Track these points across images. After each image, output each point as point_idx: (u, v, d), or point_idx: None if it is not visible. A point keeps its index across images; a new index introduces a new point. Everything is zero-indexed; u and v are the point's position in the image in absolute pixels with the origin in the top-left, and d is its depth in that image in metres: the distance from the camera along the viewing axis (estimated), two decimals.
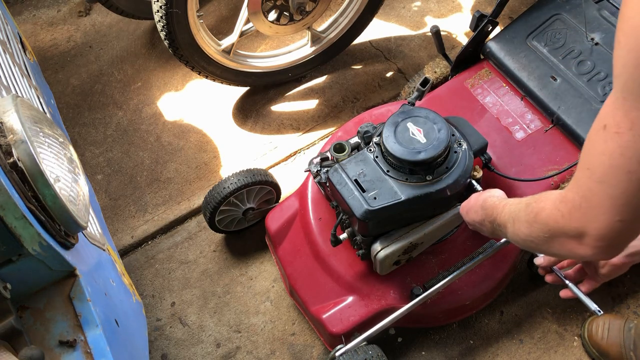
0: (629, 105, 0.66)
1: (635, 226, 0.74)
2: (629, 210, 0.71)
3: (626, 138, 0.67)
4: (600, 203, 0.72)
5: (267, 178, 1.68)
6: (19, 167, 0.84)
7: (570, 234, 0.78)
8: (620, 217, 0.71)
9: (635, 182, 0.68)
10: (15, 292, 0.89)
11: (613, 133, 0.68)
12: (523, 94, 1.62)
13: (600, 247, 0.76)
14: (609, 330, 1.53)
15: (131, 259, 1.87)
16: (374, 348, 1.41)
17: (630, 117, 0.66)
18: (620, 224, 0.72)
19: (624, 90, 0.66)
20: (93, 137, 2.14)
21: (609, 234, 0.74)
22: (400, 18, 2.40)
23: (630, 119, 0.66)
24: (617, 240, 0.75)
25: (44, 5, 2.54)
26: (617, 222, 0.72)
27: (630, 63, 0.65)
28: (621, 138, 0.67)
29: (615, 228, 0.73)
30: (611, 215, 0.72)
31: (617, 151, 0.68)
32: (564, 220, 0.78)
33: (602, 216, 0.72)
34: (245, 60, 2.03)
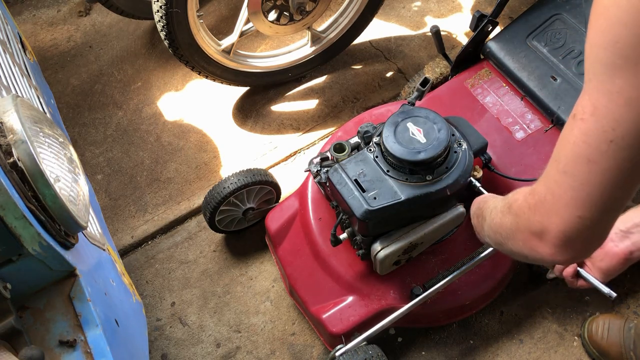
0: (592, 87, 0.61)
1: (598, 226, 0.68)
2: (589, 205, 0.65)
3: (588, 125, 0.62)
4: (562, 195, 0.67)
5: (267, 178, 1.68)
6: (19, 167, 0.84)
7: (533, 229, 0.74)
8: (579, 212, 0.66)
9: (595, 174, 0.63)
10: (15, 292, 0.89)
11: (578, 120, 0.63)
12: (523, 94, 1.62)
13: (559, 245, 0.70)
14: (609, 330, 1.53)
15: (131, 259, 1.87)
16: (374, 348, 1.41)
17: (592, 100, 0.61)
18: (579, 221, 0.67)
19: (589, 71, 0.62)
20: (93, 137, 2.14)
21: (569, 231, 0.68)
22: (400, 18, 2.40)
23: (593, 103, 0.61)
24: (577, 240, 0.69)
25: (44, 5, 2.54)
26: (576, 217, 0.66)
27: (597, 43, 0.60)
28: (584, 124, 0.62)
29: (574, 225, 0.67)
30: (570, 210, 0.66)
31: (580, 139, 0.63)
32: (530, 213, 0.74)
33: (562, 210, 0.67)
34: (245, 60, 2.03)
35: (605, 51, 0.59)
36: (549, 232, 0.70)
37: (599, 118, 0.61)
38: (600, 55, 0.60)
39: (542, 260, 0.76)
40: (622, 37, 0.57)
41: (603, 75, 0.60)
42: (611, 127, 0.60)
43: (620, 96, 0.59)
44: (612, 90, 0.59)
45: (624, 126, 0.59)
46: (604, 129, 0.60)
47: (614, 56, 0.59)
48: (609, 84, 0.59)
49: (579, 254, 0.72)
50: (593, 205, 0.65)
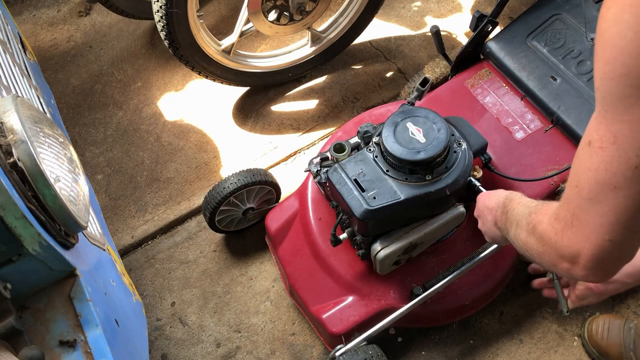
0: (610, 118, 0.64)
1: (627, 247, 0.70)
2: (618, 228, 0.67)
3: (610, 152, 0.64)
4: (589, 221, 0.69)
5: (267, 178, 1.68)
6: (19, 167, 0.84)
7: (563, 254, 0.76)
8: (609, 236, 0.68)
9: (622, 198, 0.65)
10: (15, 292, 0.89)
11: (597, 148, 0.65)
12: (523, 94, 1.62)
13: (592, 268, 0.73)
14: (609, 330, 1.53)
15: (131, 259, 1.87)
16: (374, 348, 1.41)
17: (612, 130, 0.63)
18: (610, 244, 0.69)
19: (604, 104, 0.64)
20: (93, 137, 2.14)
21: (600, 254, 0.71)
22: (400, 18, 2.40)
23: (613, 133, 0.63)
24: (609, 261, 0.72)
25: (44, 5, 2.54)
26: (607, 241, 0.69)
27: (607, 75, 0.63)
28: (605, 153, 0.65)
29: (605, 248, 0.70)
30: (601, 235, 0.69)
31: (602, 166, 0.65)
32: (557, 238, 0.76)
33: (592, 235, 0.70)
34: (245, 60, 2.03)
35: (618, 84, 0.61)
36: (580, 256, 0.73)
37: (621, 146, 0.63)
38: (612, 88, 0.62)
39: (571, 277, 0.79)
40: (632, 68, 0.59)
41: (618, 107, 0.62)
42: (635, 154, 0.62)
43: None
44: (631, 120, 0.61)
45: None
46: (628, 156, 0.63)
47: (628, 88, 0.61)
48: (628, 115, 0.62)
49: (609, 272, 0.75)
50: (622, 228, 0.67)
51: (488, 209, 1.09)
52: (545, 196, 1.49)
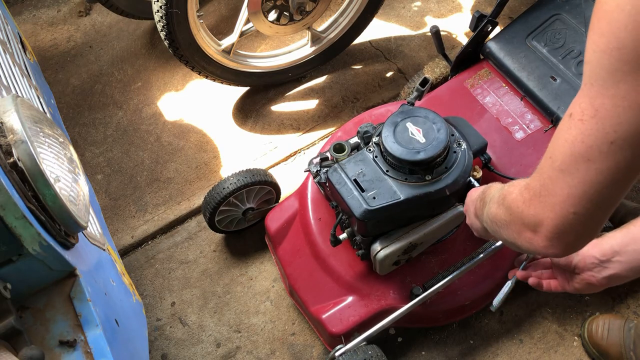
0: (595, 91, 0.63)
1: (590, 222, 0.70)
2: (584, 202, 0.67)
3: (588, 126, 0.63)
4: (557, 192, 0.69)
5: (266, 178, 1.68)
6: (19, 167, 0.84)
7: (527, 222, 0.76)
8: (574, 209, 0.68)
9: (593, 172, 0.65)
10: (15, 292, 0.89)
11: (577, 120, 0.65)
12: (523, 94, 1.62)
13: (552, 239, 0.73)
14: (609, 330, 1.53)
15: (131, 259, 1.87)
16: (373, 348, 1.41)
17: (594, 104, 0.63)
18: (574, 217, 0.69)
19: (591, 77, 0.63)
20: (93, 137, 2.14)
21: (562, 226, 0.71)
22: (400, 18, 2.40)
23: (595, 107, 0.63)
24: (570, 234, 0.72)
25: (44, 5, 2.54)
26: (571, 213, 0.69)
27: (600, 48, 0.61)
28: (584, 125, 0.64)
29: (569, 220, 0.70)
30: (566, 206, 0.69)
31: (579, 139, 0.65)
32: (524, 207, 0.76)
33: (557, 206, 0.70)
34: (245, 60, 2.03)
35: (610, 57, 0.60)
36: (542, 225, 0.73)
37: (600, 120, 0.62)
38: (603, 61, 0.61)
39: (534, 251, 0.79)
40: (627, 42, 0.58)
41: (606, 80, 0.61)
42: (613, 130, 0.62)
43: (625, 100, 0.60)
44: (616, 95, 0.61)
45: (626, 128, 0.61)
46: (606, 130, 0.62)
47: (619, 62, 0.59)
48: (613, 89, 0.61)
49: (570, 247, 0.75)
50: (588, 202, 0.67)
51: (471, 201, 1.09)
52: None
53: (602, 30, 0.61)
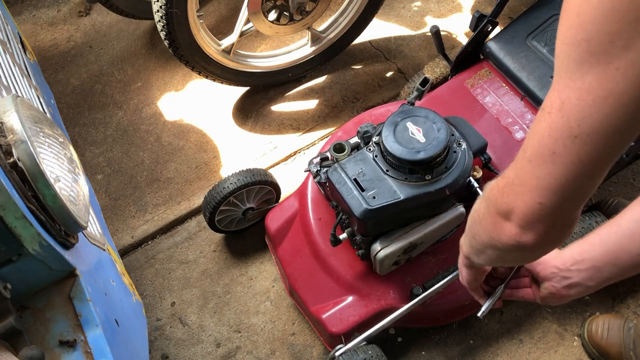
0: (563, 84, 0.63)
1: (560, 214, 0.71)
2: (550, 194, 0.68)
3: (555, 119, 0.64)
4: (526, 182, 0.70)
5: (267, 178, 1.68)
6: (19, 167, 0.84)
7: (501, 210, 0.77)
8: (540, 199, 0.69)
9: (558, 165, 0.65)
10: (15, 292, 0.89)
11: (546, 113, 0.65)
12: (523, 94, 1.62)
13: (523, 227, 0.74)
14: (609, 330, 1.53)
15: (131, 259, 1.87)
16: (373, 348, 1.41)
17: (561, 97, 0.63)
18: (540, 207, 0.70)
19: (560, 69, 0.63)
20: (93, 137, 2.14)
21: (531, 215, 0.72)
22: (400, 18, 2.40)
23: (562, 99, 0.63)
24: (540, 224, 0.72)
25: (44, 5, 2.54)
26: (537, 204, 0.70)
27: (567, 40, 0.61)
28: (551, 118, 0.64)
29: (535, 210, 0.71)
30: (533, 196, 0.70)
31: (546, 132, 0.65)
32: (498, 194, 0.77)
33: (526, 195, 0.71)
34: (245, 60, 2.03)
35: (577, 49, 0.60)
36: (513, 213, 0.74)
37: (565, 114, 0.63)
38: (571, 52, 0.61)
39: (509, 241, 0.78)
40: (594, 35, 0.58)
41: (574, 72, 0.61)
42: (577, 124, 0.62)
43: (589, 94, 0.60)
44: (581, 88, 0.61)
45: (590, 124, 0.61)
46: (570, 124, 0.62)
47: (586, 54, 0.59)
48: (580, 82, 0.61)
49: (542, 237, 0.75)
50: (553, 194, 0.68)
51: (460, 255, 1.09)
52: None
53: (571, 22, 0.60)
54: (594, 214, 1.55)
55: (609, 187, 1.87)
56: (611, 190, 1.87)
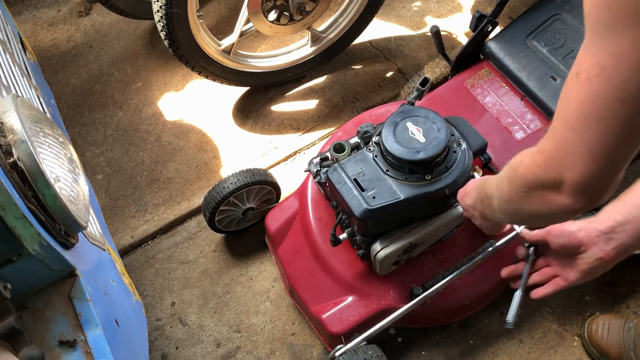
0: (597, 49, 0.63)
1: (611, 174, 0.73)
2: (602, 158, 0.69)
3: (596, 84, 0.64)
4: (575, 151, 0.71)
5: (267, 178, 1.68)
6: (19, 167, 0.84)
7: (548, 184, 0.77)
8: (594, 165, 0.70)
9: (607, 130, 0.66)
10: (15, 292, 0.89)
11: (584, 80, 0.65)
12: (523, 94, 1.62)
13: (578, 194, 0.75)
14: (609, 330, 1.53)
15: (131, 259, 1.87)
16: (373, 348, 1.41)
17: (599, 61, 0.63)
18: (595, 172, 0.71)
19: (592, 32, 0.63)
20: (93, 137, 2.14)
21: (586, 181, 0.73)
22: (400, 18, 2.40)
23: (600, 64, 0.63)
24: (594, 187, 0.74)
25: (44, 5, 2.54)
26: (592, 170, 0.71)
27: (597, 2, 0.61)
28: (591, 84, 0.65)
29: (591, 175, 0.72)
30: (586, 163, 0.71)
31: (588, 98, 0.66)
32: (541, 170, 0.77)
33: (578, 164, 0.71)
34: (246, 60, 2.03)
35: (609, 12, 0.60)
36: (565, 183, 0.75)
37: (607, 79, 0.63)
38: (602, 16, 0.61)
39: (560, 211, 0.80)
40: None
41: (606, 37, 0.62)
42: (621, 87, 0.62)
43: (628, 57, 0.61)
44: (617, 52, 0.61)
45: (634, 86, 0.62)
46: (614, 88, 0.63)
47: (617, 18, 0.60)
48: (614, 46, 0.61)
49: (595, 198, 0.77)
50: (606, 158, 0.69)
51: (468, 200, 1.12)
52: None
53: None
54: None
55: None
56: None
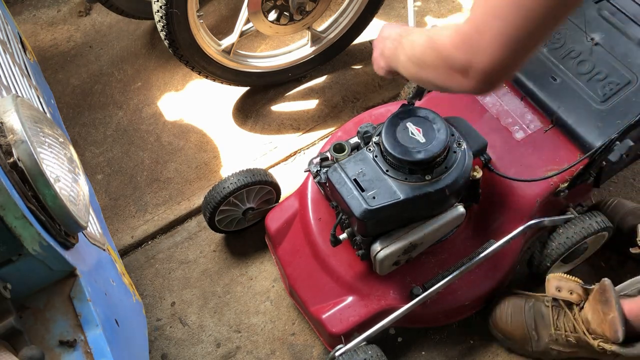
0: None
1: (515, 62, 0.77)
2: (513, 45, 0.73)
3: None
4: (489, 36, 0.74)
5: (267, 178, 1.68)
6: (19, 167, 0.84)
7: (457, 65, 0.81)
8: (506, 51, 0.74)
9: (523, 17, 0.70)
10: (15, 292, 0.89)
11: None
12: (523, 94, 1.62)
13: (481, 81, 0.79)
14: (512, 314, 1.53)
15: (131, 259, 1.87)
16: (373, 348, 1.41)
17: None
18: (503, 60, 0.75)
19: None
20: (93, 137, 2.14)
21: (492, 68, 0.76)
22: (400, 18, 2.40)
23: None
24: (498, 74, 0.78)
25: (44, 5, 2.54)
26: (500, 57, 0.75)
27: None
28: None
29: (499, 62, 0.75)
30: (496, 50, 0.74)
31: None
32: (454, 50, 0.80)
33: (490, 49, 0.74)
34: (245, 60, 2.03)
35: None
36: (473, 69, 0.78)
37: None
38: None
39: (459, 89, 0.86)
40: None
41: None
42: None
43: None
44: None
45: None
46: None
47: None
48: None
49: (495, 85, 0.82)
50: (519, 45, 0.74)
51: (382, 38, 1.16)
52: (545, 196, 1.49)
53: None
54: (594, 214, 1.55)
55: (609, 187, 1.87)
56: (611, 190, 1.87)
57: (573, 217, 1.55)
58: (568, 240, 1.51)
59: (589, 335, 1.40)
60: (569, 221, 1.54)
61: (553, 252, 1.53)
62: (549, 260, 1.55)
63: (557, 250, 1.52)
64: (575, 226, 1.52)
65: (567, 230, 1.52)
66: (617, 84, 1.49)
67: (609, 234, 1.59)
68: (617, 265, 1.73)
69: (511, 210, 1.50)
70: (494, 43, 0.73)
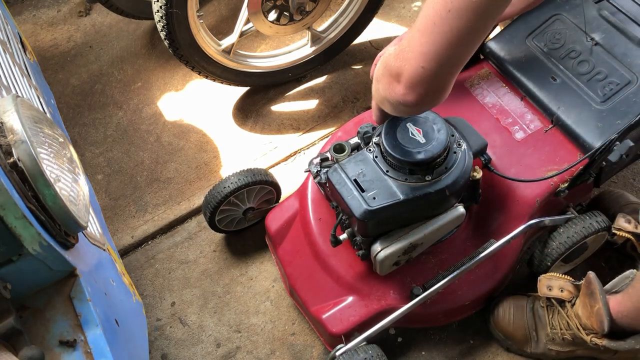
0: None
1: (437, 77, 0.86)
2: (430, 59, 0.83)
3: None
4: (414, 49, 0.85)
5: (267, 178, 1.68)
6: (19, 167, 0.84)
7: (393, 73, 0.91)
8: (423, 64, 0.84)
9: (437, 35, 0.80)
10: (15, 292, 0.89)
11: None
12: (523, 94, 1.62)
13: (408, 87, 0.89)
14: (514, 314, 1.54)
15: (131, 259, 1.87)
16: (374, 348, 1.41)
17: None
18: (422, 71, 0.85)
19: None
20: (93, 137, 2.14)
21: (415, 78, 0.86)
22: (400, 18, 2.40)
23: None
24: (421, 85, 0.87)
25: (44, 5, 2.54)
26: (420, 68, 0.84)
27: None
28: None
29: (419, 73, 0.85)
30: (417, 61, 0.84)
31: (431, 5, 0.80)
32: (392, 59, 0.91)
33: (412, 60, 0.85)
34: (246, 60, 2.03)
35: None
36: (402, 75, 0.89)
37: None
38: None
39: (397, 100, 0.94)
40: None
41: None
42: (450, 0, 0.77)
43: None
44: None
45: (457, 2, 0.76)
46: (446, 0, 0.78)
47: None
48: None
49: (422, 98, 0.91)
50: (433, 60, 0.83)
51: None
52: (545, 196, 1.49)
53: None
54: (594, 214, 1.55)
55: (608, 187, 1.87)
56: None
57: (573, 216, 1.55)
58: (568, 239, 1.51)
59: (583, 331, 1.40)
60: (569, 221, 1.54)
61: (553, 251, 1.53)
62: (549, 260, 1.55)
63: (557, 250, 1.53)
64: (576, 226, 1.52)
65: (567, 230, 1.52)
66: (617, 84, 1.49)
67: (609, 233, 1.59)
68: (617, 265, 1.73)
69: (511, 211, 1.50)
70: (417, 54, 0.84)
